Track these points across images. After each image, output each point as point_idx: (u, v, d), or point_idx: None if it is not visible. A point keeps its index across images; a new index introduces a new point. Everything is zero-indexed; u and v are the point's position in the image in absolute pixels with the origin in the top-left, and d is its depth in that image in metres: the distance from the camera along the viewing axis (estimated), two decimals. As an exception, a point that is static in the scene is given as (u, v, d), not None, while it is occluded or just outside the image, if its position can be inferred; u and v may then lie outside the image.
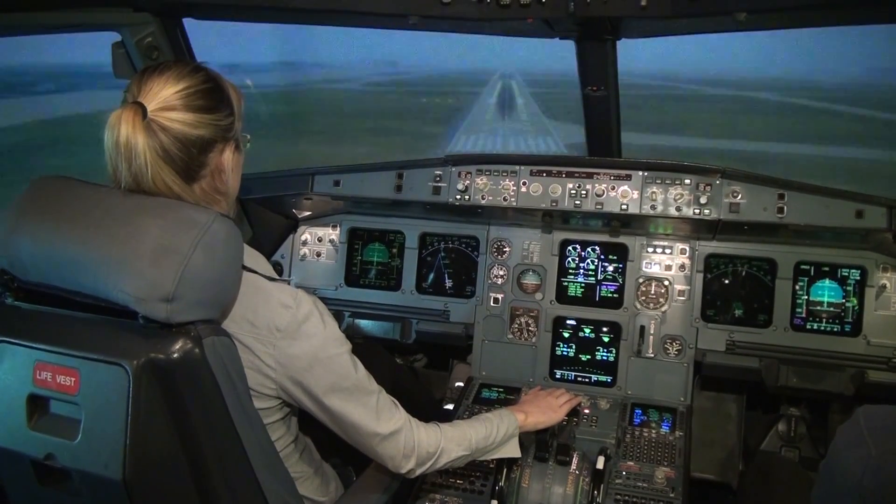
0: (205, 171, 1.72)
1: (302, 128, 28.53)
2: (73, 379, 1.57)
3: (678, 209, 2.87)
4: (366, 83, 57.27)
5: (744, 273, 3.10)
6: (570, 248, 3.26)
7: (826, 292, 3.00)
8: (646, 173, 2.91)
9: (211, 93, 1.70)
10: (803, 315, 3.02)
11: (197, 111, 1.66)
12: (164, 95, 1.62)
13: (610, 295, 3.20)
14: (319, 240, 3.62)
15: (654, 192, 2.89)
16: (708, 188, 2.84)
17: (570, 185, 2.98)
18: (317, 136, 26.10)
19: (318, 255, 3.61)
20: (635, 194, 2.91)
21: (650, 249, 3.16)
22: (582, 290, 3.23)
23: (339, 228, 3.59)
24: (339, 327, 1.88)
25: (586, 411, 2.91)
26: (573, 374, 3.18)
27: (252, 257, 1.82)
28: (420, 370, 3.88)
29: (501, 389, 3.13)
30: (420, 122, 32.21)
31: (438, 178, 3.14)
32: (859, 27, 2.40)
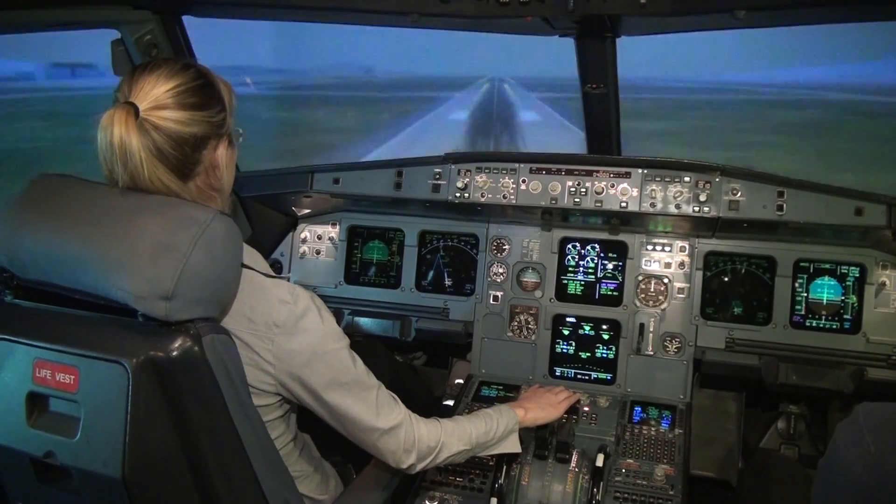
0: (199, 169, 1.72)
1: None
2: (72, 377, 1.57)
3: (678, 207, 2.86)
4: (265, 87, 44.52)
5: (743, 271, 3.10)
6: (569, 245, 3.26)
7: (825, 290, 3.00)
8: (645, 171, 2.90)
9: (202, 89, 1.70)
10: (803, 313, 3.02)
11: (189, 109, 1.65)
12: (156, 94, 1.62)
13: (609, 293, 3.20)
14: (319, 238, 3.62)
15: (653, 190, 2.89)
16: (707, 186, 2.83)
17: (570, 183, 2.98)
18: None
19: (318, 252, 3.61)
20: (635, 192, 2.91)
21: (650, 247, 3.16)
22: (581, 287, 3.23)
23: (338, 226, 3.59)
24: (339, 325, 1.89)
25: (586, 409, 2.91)
26: (573, 371, 3.18)
27: (250, 255, 1.82)
28: (420, 368, 3.87)
29: (501, 387, 3.13)
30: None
31: (438, 176, 3.14)
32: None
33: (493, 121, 32.45)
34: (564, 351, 3.21)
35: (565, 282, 3.25)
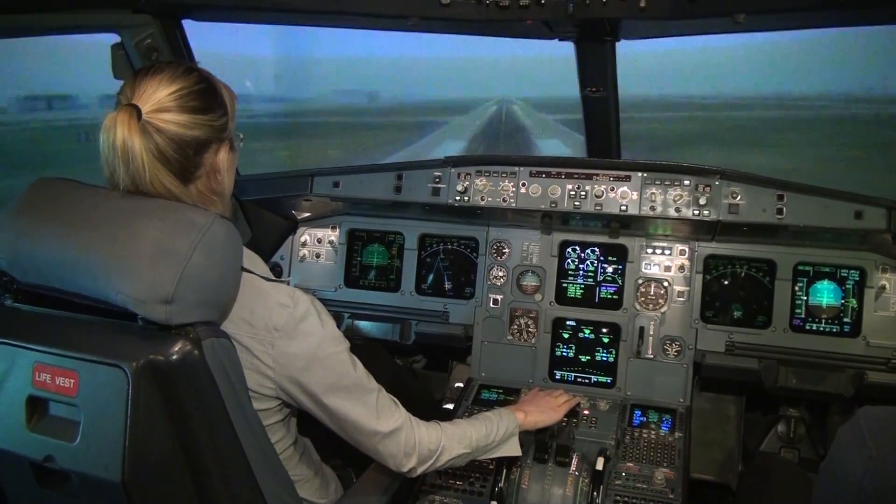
0: (200, 172, 1.73)
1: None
2: (72, 381, 1.57)
3: (677, 210, 2.87)
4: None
5: (743, 274, 3.10)
6: (569, 249, 3.26)
7: (825, 293, 3.00)
8: (645, 174, 2.91)
9: (204, 93, 1.70)
10: (802, 316, 3.02)
11: (191, 112, 1.66)
12: (159, 97, 1.62)
13: (609, 296, 3.20)
14: (319, 241, 3.62)
15: (653, 194, 2.89)
16: (707, 189, 2.84)
17: (570, 186, 2.98)
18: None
19: (318, 256, 3.61)
20: (634, 195, 2.91)
21: (649, 251, 3.16)
22: (581, 291, 3.23)
23: (338, 230, 3.59)
24: (339, 328, 1.89)
25: (586, 412, 2.91)
26: (573, 374, 3.18)
27: (249, 258, 1.82)
28: (419, 371, 3.87)
29: (501, 390, 3.13)
30: None
31: (438, 180, 3.14)
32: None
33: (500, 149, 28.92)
34: (564, 354, 3.20)
35: (565, 285, 3.25)
